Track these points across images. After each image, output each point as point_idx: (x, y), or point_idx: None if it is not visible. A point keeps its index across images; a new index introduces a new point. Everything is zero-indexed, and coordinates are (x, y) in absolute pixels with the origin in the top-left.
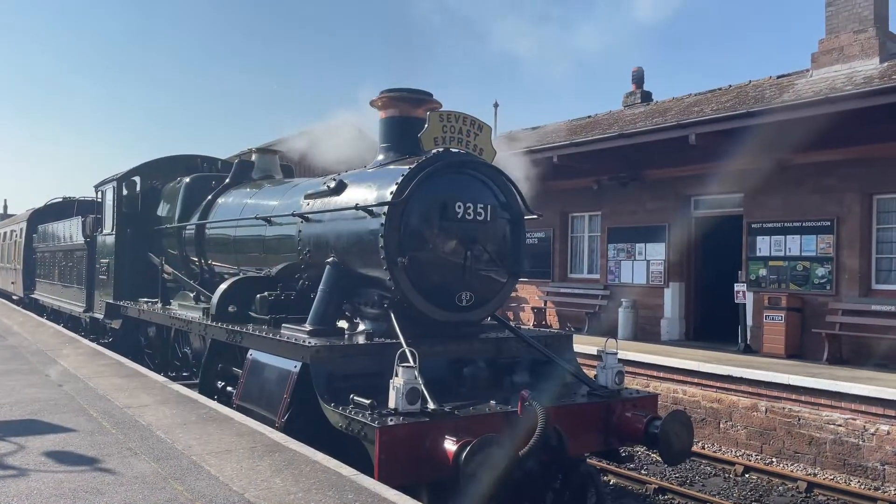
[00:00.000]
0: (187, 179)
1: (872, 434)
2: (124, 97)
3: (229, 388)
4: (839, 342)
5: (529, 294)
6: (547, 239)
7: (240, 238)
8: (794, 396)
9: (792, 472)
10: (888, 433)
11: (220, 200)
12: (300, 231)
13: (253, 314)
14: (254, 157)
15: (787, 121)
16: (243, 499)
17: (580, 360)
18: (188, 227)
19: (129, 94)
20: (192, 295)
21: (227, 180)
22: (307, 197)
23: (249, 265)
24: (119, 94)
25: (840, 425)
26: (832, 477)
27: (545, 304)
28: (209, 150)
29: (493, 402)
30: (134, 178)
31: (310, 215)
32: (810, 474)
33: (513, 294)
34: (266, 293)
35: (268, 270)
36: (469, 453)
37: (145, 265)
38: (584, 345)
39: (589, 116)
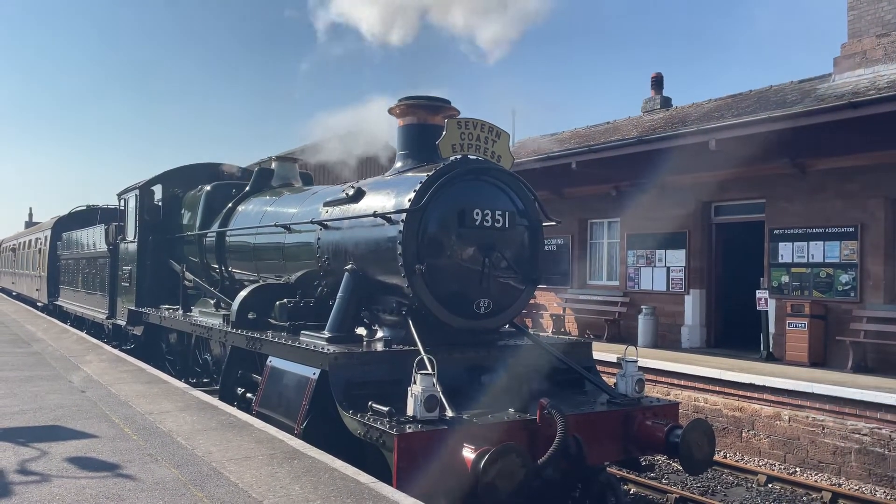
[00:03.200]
0: (208, 187)
1: None
2: (150, 105)
3: (249, 395)
4: (864, 350)
5: (548, 301)
6: (566, 245)
7: (259, 245)
8: (817, 405)
9: (816, 482)
10: None
11: (241, 208)
12: (319, 238)
13: (272, 321)
14: (273, 165)
15: (809, 126)
16: None
17: (599, 368)
18: (209, 235)
19: (154, 101)
20: (212, 302)
21: (247, 188)
22: (326, 204)
23: (269, 272)
24: (145, 103)
25: (865, 435)
26: (857, 487)
27: (564, 312)
28: (228, 157)
29: (511, 409)
30: (156, 187)
31: (328, 223)
32: (835, 484)
33: (531, 301)
34: (285, 300)
35: (287, 277)
36: (488, 462)
37: (167, 272)
38: (603, 352)
39: (608, 122)
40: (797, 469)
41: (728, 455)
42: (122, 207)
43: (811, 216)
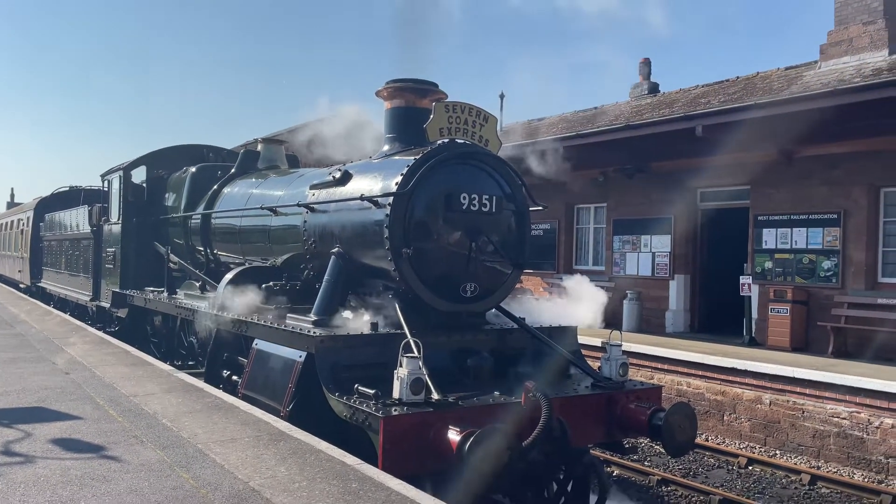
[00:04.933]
0: (193, 169)
1: (877, 427)
2: (134, 87)
3: (235, 378)
4: (844, 335)
5: (534, 286)
6: (552, 230)
7: (245, 228)
8: (798, 389)
9: (795, 464)
10: (893, 426)
11: (226, 190)
12: (305, 221)
13: (258, 304)
14: (259, 147)
15: (795, 113)
16: (248, 487)
17: (584, 352)
18: (194, 217)
19: (139, 83)
20: (197, 284)
21: (233, 170)
22: (312, 187)
23: (255, 255)
24: (129, 85)
25: (844, 418)
26: (836, 470)
27: (550, 296)
28: (216, 140)
29: (497, 392)
30: (140, 168)
31: (315, 206)
32: (814, 467)
33: (518, 285)
34: (271, 283)
35: (273, 260)
36: (473, 443)
37: (151, 254)
38: (588, 336)
39: (595, 107)
40: (777, 452)
41: (710, 438)
42: (106, 189)
43: (795, 203)
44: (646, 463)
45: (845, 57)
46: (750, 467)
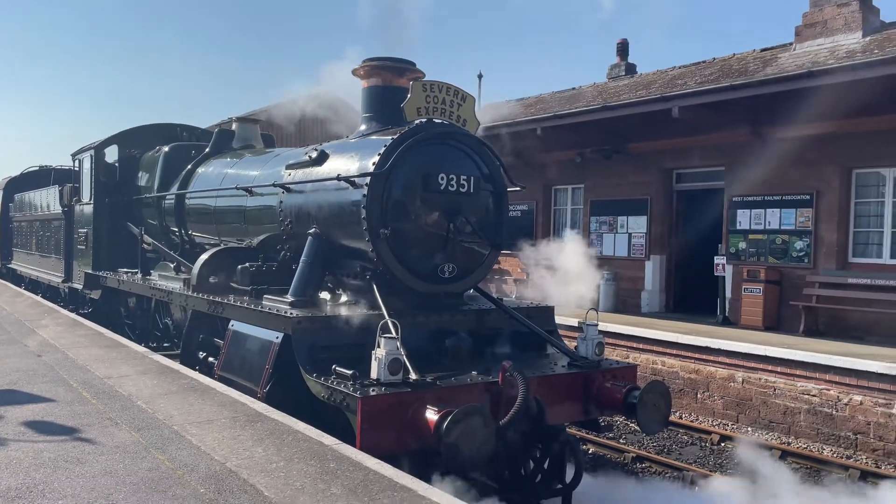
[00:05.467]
0: (166, 148)
1: (846, 404)
2: (104, 64)
3: (211, 359)
4: (815, 314)
5: (512, 267)
6: (530, 211)
7: (220, 208)
8: (770, 367)
9: (767, 440)
10: (861, 403)
11: (201, 170)
12: (281, 202)
13: (234, 285)
14: (234, 127)
15: (769, 94)
16: (225, 468)
17: (561, 332)
18: (168, 197)
19: (109, 59)
20: (172, 265)
21: (208, 150)
22: (288, 167)
23: (230, 236)
24: (98, 61)
25: (814, 395)
26: (805, 446)
27: (527, 277)
28: (189, 119)
29: (474, 372)
30: (112, 147)
31: (291, 186)
32: (784, 443)
33: (496, 266)
34: (247, 264)
35: (249, 241)
36: (450, 423)
37: (124, 235)
38: (565, 317)
39: (573, 88)
40: (749, 429)
41: (683, 416)
42: (77, 168)
43: (769, 184)
44: (621, 440)
45: (820, 39)
46: (723, 444)
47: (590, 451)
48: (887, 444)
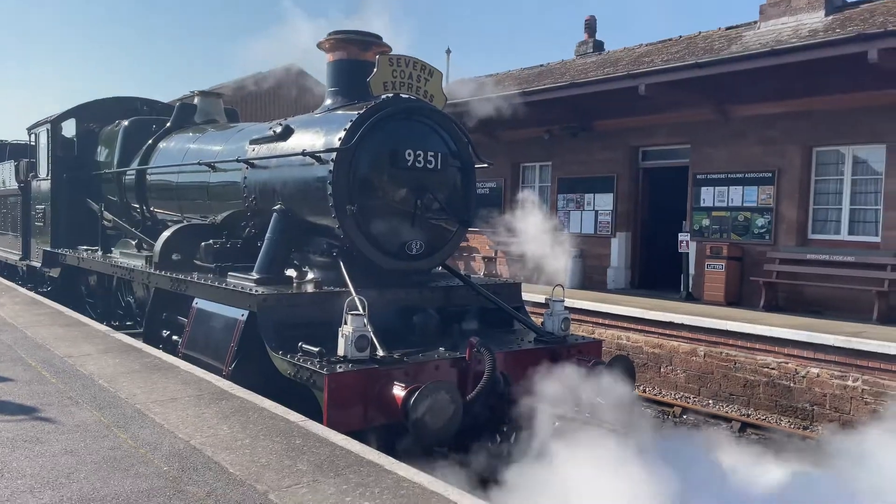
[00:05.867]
0: (126, 123)
1: (803, 377)
2: (61, 32)
3: (175, 337)
4: (776, 290)
5: (480, 244)
6: (498, 189)
7: (183, 184)
8: (731, 342)
9: (727, 413)
10: (818, 376)
11: (162, 145)
12: (245, 178)
13: (198, 262)
14: (196, 101)
15: (733, 73)
16: (189, 445)
17: (528, 308)
18: (128, 173)
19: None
20: (133, 243)
21: (169, 124)
22: (252, 142)
23: (193, 212)
24: (56, 30)
25: (773, 369)
26: (764, 417)
27: (496, 254)
28: (149, 93)
29: (442, 348)
30: (69, 121)
31: (255, 161)
32: (744, 415)
33: (464, 244)
34: (211, 241)
35: (213, 218)
36: (417, 399)
37: (84, 212)
38: (532, 293)
39: (541, 65)
40: (710, 401)
41: (647, 389)
42: (34, 143)
43: (733, 162)
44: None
45: (784, 17)
46: (685, 416)
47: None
48: (842, 414)
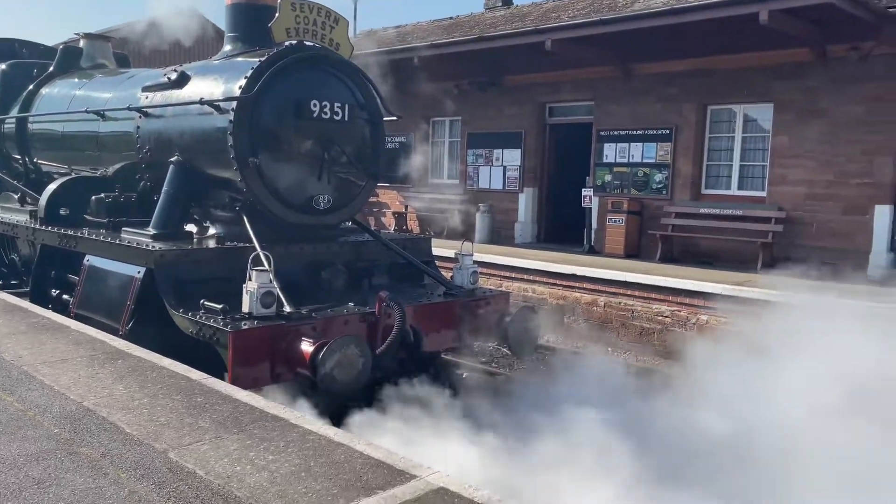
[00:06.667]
0: (4, 66)
1: (694, 324)
2: None
3: (66, 297)
4: (671, 242)
5: (391, 199)
6: (408, 143)
7: (69, 134)
8: (629, 292)
9: (625, 359)
10: (707, 322)
11: (44, 91)
12: (139, 127)
13: (88, 217)
14: (82, 44)
15: (636, 30)
16: (82, 407)
17: (438, 263)
18: (7, 121)
19: None
20: (16, 196)
21: (52, 69)
22: (145, 89)
23: (82, 164)
24: None
25: (667, 317)
26: (658, 362)
27: (406, 210)
28: (30, 35)
29: (351, 304)
30: None
31: (149, 110)
32: (640, 360)
33: (374, 199)
34: (103, 195)
35: (104, 170)
36: (326, 353)
37: None
38: (442, 248)
39: (451, 18)
40: (610, 349)
41: (551, 339)
42: None
43: (634, 118)
44: (493, 364)
45: None
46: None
47: (464, 376)
48: None
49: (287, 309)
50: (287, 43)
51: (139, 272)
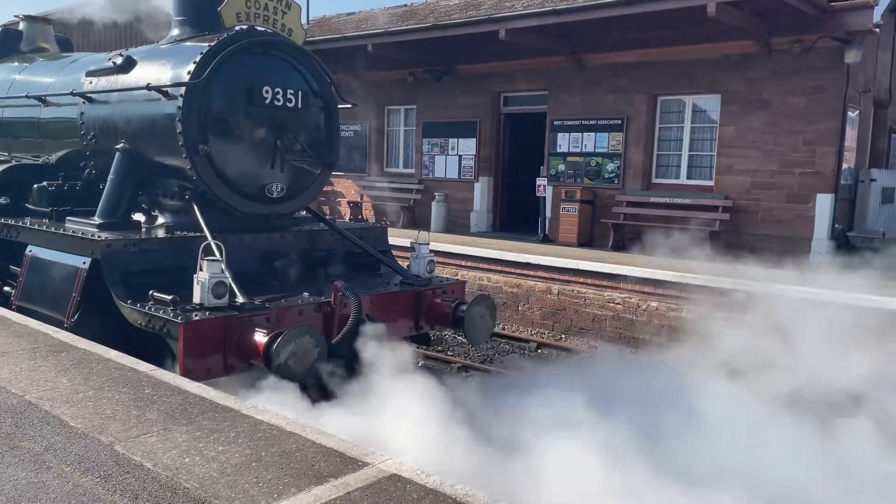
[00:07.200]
0: None
1: (644, 310)
2: None
3: (7, 289)
4: (622, 231)
5: (346, 188)
6: (363, 132)
7: (8, 120)
8: (581, 280)
9: (578, 346)
10: (657, 309)
11: None
12: (83, 113)
13: (30, 206)
14: (21, 26)
15: (587, 21)
16: (24, 400)
17: (395, 253)
18: None
19: None
20: None
21: None
22: (90, 74)
23: (23, 151)
24: None
25: (619, 304)
26: (604, 349)
27: (361, 199)
28: None
29: (306, 293)
30: None
31: (93, 95)
32: (592, 347)
33: (329, 188)
34: (45, 183)
35: (46, 158)
36: (280, 344)
37: None
38: (398, 238)
39: (405, 5)
40: (563, 336)
41: (506, 327)
42: None
43: (586, 108)
44: (449, 353)
45: None
46: (539, 350)
47: (420, 364)
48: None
49: (240, 299)
50: (238, 28)
51: (85, 262)
